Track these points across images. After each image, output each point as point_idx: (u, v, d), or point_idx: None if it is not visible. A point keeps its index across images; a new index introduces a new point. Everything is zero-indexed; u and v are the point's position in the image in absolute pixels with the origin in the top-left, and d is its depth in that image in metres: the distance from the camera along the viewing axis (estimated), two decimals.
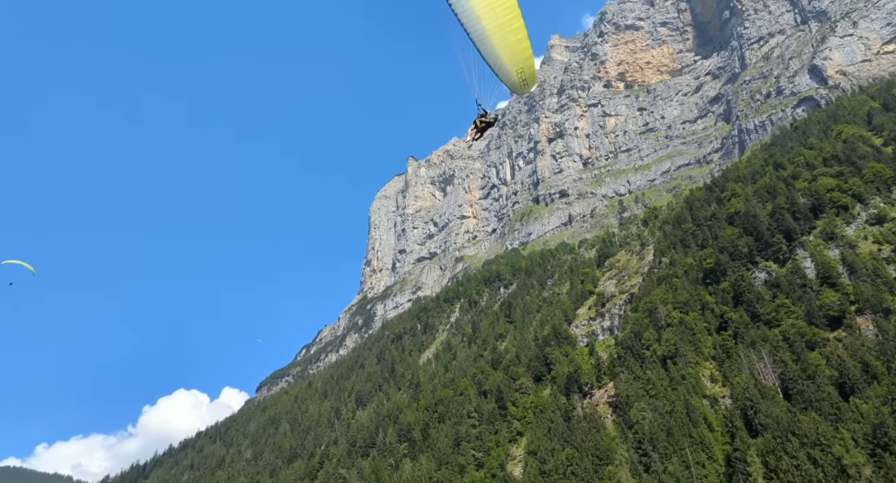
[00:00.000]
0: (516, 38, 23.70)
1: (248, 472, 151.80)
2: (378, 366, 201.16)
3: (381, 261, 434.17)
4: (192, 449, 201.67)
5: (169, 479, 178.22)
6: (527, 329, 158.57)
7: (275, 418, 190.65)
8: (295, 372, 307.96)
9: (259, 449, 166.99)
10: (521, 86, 25.97)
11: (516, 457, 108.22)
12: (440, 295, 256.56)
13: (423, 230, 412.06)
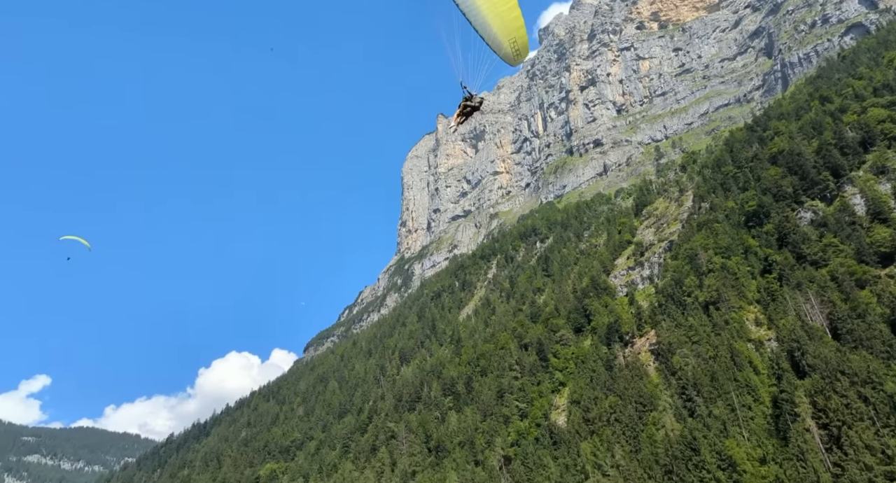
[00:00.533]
0: (507, 6, 23.52)
1: (302, 427, 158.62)
2: (419, 323, 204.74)
3: (416, 221, 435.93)
4: (248, 407, 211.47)
5: (228, 435, 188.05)
6: (565, 282, 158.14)
7: (323, 377, 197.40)
8: (339, 332, 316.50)
9: (310, 406, 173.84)
10: (515, 56, 25.80)
11: (559, 406, 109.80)
12: (476, 252, 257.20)
13: (457, 188, 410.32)
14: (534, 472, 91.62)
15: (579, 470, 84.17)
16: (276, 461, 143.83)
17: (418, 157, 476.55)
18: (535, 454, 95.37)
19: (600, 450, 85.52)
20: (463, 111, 29.21)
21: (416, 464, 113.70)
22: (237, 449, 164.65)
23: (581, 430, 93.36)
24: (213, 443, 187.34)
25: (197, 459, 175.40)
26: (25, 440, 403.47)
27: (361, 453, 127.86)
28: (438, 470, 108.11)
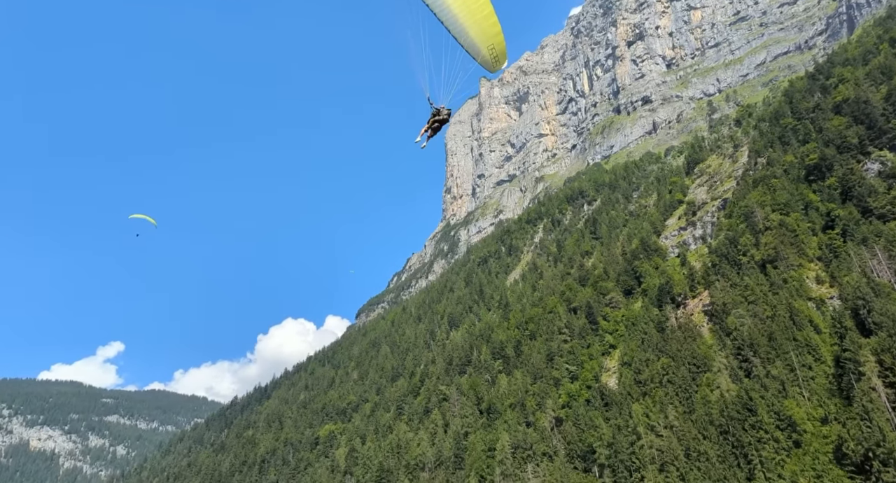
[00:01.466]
0: (483, 13, 23.68)
1: (357, 390, 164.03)
2: (467, 289, 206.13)
3: (461, 187, 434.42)
4: (305, 372, 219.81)
5: (288, 398, 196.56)
6: (614, 244, 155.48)
7: (375, 342, 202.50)
8: (389, 298, 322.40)
9: (364, 370, 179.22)
10: (493, 62, 25.86)
11: (610, 368, 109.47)
12: (522, 216, 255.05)
13: (501, 152, 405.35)
14: (585, 433, 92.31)
15: (631, 431, 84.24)
16: (333, 422, 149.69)
17: (461, 123, 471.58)
18: (587, 415, 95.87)
19: (652, 411, 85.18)
20: (431, 126, 29.03)
21: (468, 425, 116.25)
22: (297, 411, 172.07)
23: (632, 391, 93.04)
24: (274, 405, 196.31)
25: (260, 420, 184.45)
26: (105, 402, 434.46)
27: (415, 415, 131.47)
28: (490, 431, 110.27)
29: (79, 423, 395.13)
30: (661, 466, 76.71)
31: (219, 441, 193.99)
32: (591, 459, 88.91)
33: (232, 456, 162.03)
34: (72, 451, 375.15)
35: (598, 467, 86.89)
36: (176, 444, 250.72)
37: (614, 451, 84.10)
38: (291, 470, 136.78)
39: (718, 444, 73.68)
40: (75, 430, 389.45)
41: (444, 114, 28.76)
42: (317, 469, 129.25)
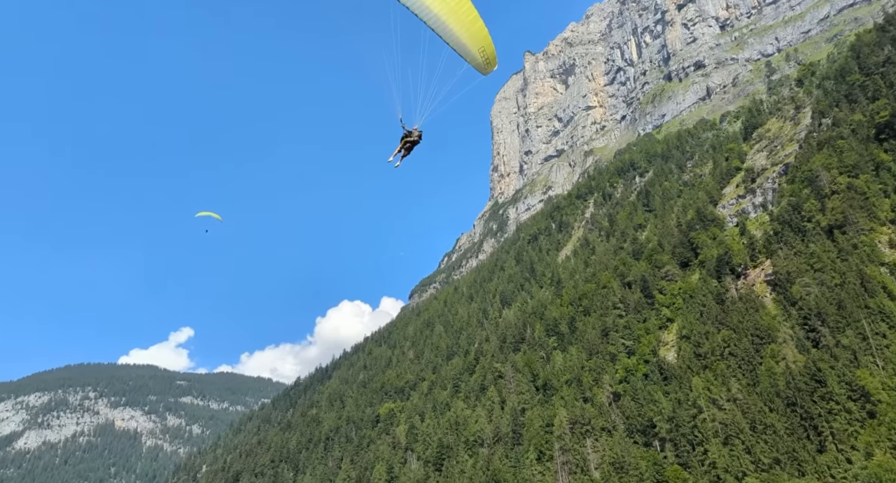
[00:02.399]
0: (470, 17, 24.95)
1: (413, 369, 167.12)
2: (517, 267, 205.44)
3: (508, 165, 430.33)
4: (363, 352, 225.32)
5: (348, 378, 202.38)
6: (668, 216, 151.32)
7: (429, 322, 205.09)
8: (440, 278, 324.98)
9: (419, 349, 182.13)
10: (485, 65, 26.96)
11: (668, 342, 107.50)
12: (572, 192, 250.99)
13: (548, 127, 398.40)
14: (645, 408, 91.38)
15: (692, 404, 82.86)
16: (392, 401, 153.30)
17: (506, 99, 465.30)
18: (645, 390, 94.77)
19: (714, 384, 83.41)
20: (403, 147, 29.49)
21: (524, 401, 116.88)
22: (357, 390, 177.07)
23: (692, 365, 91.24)
24: (335, 385, 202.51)
25: (322, 400, 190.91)
26: (179, 384, 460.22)
27: (471, 392, 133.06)
28: (547, 407, 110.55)
29: (157, 404, 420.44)
30: (726, 440, 75.30)
31: (285, 420, 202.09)
32: (652, 434, 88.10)
33: (298, 434, 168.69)
34: (152, 430, 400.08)
35: (658, 441, 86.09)
36: (245, 423, 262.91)
37: (675, 425, 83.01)
38: (355, 447, 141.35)
39: (786, 417, 71.65)
40: (154, 410, 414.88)
41: (416, 135, 29.16)
42: (379, 446, 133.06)
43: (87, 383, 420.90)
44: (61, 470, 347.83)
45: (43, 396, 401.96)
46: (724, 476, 72.71)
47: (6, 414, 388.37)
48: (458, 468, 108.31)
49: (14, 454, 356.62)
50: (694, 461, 78.64)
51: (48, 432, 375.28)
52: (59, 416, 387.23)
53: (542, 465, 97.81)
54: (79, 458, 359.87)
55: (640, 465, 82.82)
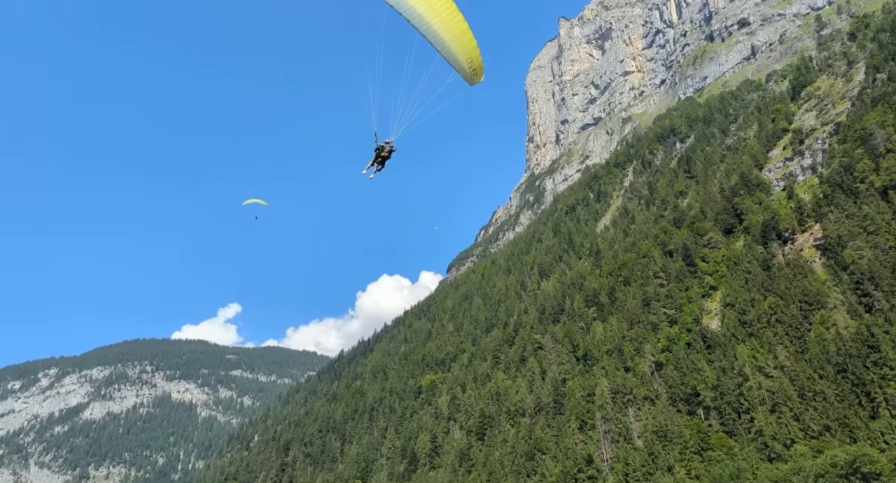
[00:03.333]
0: (461, 29, 26.29)
1: (453, 341, 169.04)
2: (555, 238, 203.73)
3: (544, 135, 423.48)
4: (403, 325, 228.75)
5: (389, 350, 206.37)
6: (710, 182, 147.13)
7: (467, 294, 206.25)
8: (477, 252, 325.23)
9: (458, 322, 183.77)
10: (472, 75, 28.15)
11: (712, 311, 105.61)
12: (610, 160, 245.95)
13: (584, 95, 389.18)
14: (688, 376, 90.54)
15: (737, 373, 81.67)
16: (433, 372, 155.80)
17: (541, 68, 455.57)
18: (688, 359, 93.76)
19: (760, 352, 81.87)
20: (375, 161, 30.87)
21: (565, 372, 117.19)
22: (399, 362, 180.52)
23: (737, 333, 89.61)
24: (378, 357, 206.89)
25: (366, 372, 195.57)
26: (229, 358, 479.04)
27: (511, 363, 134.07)
28: (588, 377, 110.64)
29: (209, 377, 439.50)
30: (773, 407, 74.19)
31: (330, 391, 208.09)
32: (695, 402, 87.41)
33: (344, 405, 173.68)
34: (206, 401, 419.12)
35: (702, 410, 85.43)
36: (293, 394, 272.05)
37: (720, 393, 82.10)
38: (398, 417, 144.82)
39: (836, 384, 70.01)
40: (207, 383, 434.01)
41: (388, 149, 30.58)
42: (422, 416, 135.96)
43: (144, 358, 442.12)
44: (125, 438, 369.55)
45: (104, 370, 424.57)
46: (772, 443, 71.86)
47: (73, 387, 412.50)
48: (500, 437, 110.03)
49: (82, 424, 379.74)
50: (740, 429, 77.86)
51: (111, 403, 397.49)
52: (119, 389, 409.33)
53: (584, 434, 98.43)
54: (140, 428, 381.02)
55: (684, 433, 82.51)
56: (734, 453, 74.85)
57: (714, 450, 77.42)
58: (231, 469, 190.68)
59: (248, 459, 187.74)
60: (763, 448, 73.24)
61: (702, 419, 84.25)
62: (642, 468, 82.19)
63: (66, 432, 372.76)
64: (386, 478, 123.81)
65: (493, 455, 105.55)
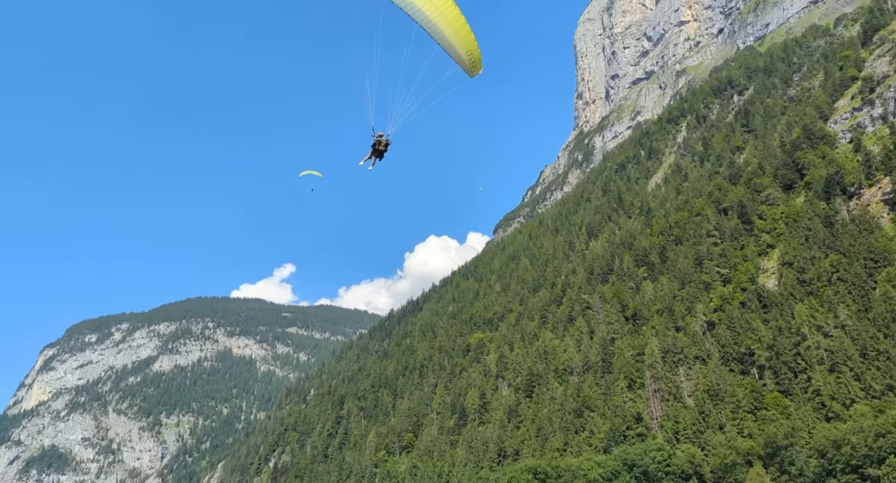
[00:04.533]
0: (459, 23, 27.49)
1: (500, 301, 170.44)
2: (604, 198, 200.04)
3: (593, 91, 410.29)
4: (451, 285, 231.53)
5: (438, 310, 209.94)
6: (770, 136, 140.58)
7: (514, 255, 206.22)
8: (524, 213, 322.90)
9: (506, 282, 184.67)
10: (472, 67, 29.20)
11: (768, 270, 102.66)
12: (662, 116, 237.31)
13: (636, 48, 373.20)
14: (742, 336, 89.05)
15: (793, 332, 79.81)
16: (481, 331, 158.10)
17: (591, 20, 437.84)
18: (742, 318, 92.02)
19: (819, 311, 79.56)
20: (373, 154, 32.05)
21: (613, 331, 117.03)
22: (447, 321, 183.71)
23: (795, 292, 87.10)
24: (426, 316, 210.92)
25: (415, 330, 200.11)
26: (284, 316, 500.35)
27: (559, 323, 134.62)
28: (637, 336, 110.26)
29: (267, 334, 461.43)
30: (832, 367, 72.53)
31: (382, 349, 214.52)
32: (749, 362, 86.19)
33: (394, 362, 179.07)
34: (265, 356, 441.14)
35: (757, 369, 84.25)
36: (346, 351, 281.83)
37: (775, 352, 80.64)
38: (447, 374, 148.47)
39: None
40: (265, 339, 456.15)
41: (383, 144, 31.96)
42: (470, 373, 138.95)
43: (206, 314, 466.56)
44: (192, 390, 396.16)
45: (171, 326, 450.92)
46: (830, 403, 70.58)
47: (143, 341, 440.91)
48: (548, 395, 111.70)
49: (152, 375, 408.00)
50: (796, 388, 76.61)
51: (178, 357, 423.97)
52: (185, 344, 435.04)
53: (633, 393, 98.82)
54: (205, 380, 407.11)
55: (737, 392, 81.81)
56: (789, 413, 73.92)
57: (768, 409, 76.64)
58: (290, 420, 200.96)
59: (306, 412, 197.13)
60: (820, 408, 72.04)
61: (755, 379, 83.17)
62: (692, 426, 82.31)
63: (138, 383, 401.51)
64: (436, 431, 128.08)
65: (541, 412, 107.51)
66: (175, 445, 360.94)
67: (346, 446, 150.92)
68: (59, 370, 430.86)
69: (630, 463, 78.96)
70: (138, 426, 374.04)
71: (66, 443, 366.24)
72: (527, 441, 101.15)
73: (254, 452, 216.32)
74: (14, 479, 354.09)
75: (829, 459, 64.02)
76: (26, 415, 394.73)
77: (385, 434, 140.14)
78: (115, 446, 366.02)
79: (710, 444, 77.54)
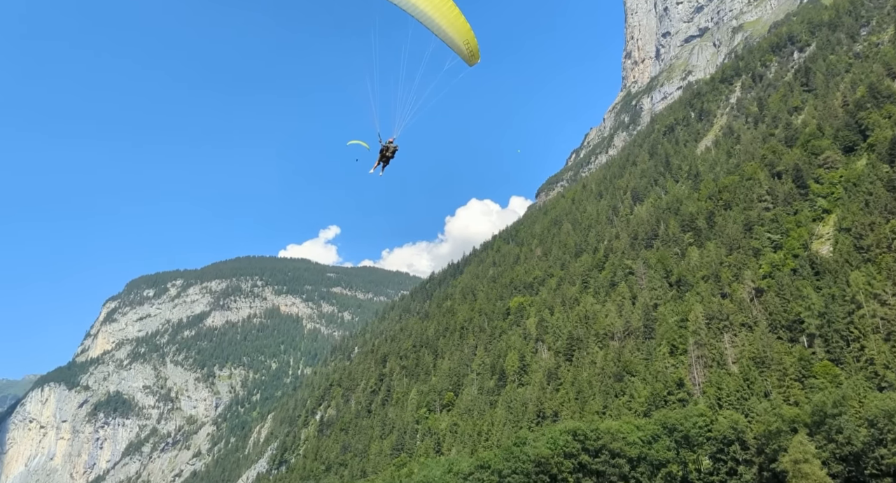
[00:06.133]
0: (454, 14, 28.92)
1: (541, 266, 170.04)
2: (651, 161, 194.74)
3: (643, 50, 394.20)
4: (491, 249, 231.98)
5: (478, 273, 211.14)
6: (831, 95, 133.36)
7: (556, 219, 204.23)
8: (568, 176, 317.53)
9: (547, 247, 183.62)
10: (470, 57, 30.68)
11: (822, 235, 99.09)
12: (715, 75, 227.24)
13: (690, 3, 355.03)
14: (791, 303, 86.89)
15: (848, 300, 77.44)
16: (522, 295, 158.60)
17: None
18: (793, 285, 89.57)
19: (877, 279, 76.80)
20: (381, 160, 33.10)
21: (656, 297, 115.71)
22: (487, 284, 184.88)
23: (851, 258, 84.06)
24: (467, 279, 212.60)
25: (456, 293, 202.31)
26: (329, 276, 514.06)
27: (601, 288, 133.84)
28: (681, 303, 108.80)
29: (313, 293, 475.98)
30: (888, 336, 70.42)
31: (423, 310, 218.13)
32: (798, 330, 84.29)
33: (435, 323, 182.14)
34: (311, 315, 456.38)
35: (806, 337, 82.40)
36: (388, 311, 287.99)
37: (827, 320, 78.56)
38: (488, 336, 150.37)
39: None
40: (311, 298, 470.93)
41: (391, 150, 32.75)
42: (510, 336, 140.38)
43: (255, 273, 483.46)
44: (242, 344, 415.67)
45: (221, 283, 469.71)
46: (884, 372, 68.76)
47: (196, 297, 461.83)
48: (588, 359, 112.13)
49: (205, 330, 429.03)
50: (848, 357, 74.79)
51: (228, 313, 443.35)
52: (235, 300, 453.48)
53: (675, 359, 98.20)
54: (255, 336, 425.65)
55: (784, 360, 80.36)
56: (839, 381, 72.40)
57: (817, 377, 75.21)
58: (335, 376, 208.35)
59: (350, 369, 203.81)
60: (873, 377, 70.30)
61: (804, 347, 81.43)
62: (736, 393, 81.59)
63: (193, 336, 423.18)
64: (476, 391, 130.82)
65: (580, 375, 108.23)
66: (228, 396, 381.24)
67: (388, 403, 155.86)
68: (120, 322, 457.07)
69: (670, 427, 79.16)
70: (193, 377, 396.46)
71: (129, 390, 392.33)
72: (566, 403, 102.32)
73: (301, 406, 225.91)
74: (84, 420, 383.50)
75: (879, 429, 62.76)
76: (93, 362, 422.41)
77: (426, 392, 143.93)
78: (174, 395, 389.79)
79: (754, 411, 76.83)
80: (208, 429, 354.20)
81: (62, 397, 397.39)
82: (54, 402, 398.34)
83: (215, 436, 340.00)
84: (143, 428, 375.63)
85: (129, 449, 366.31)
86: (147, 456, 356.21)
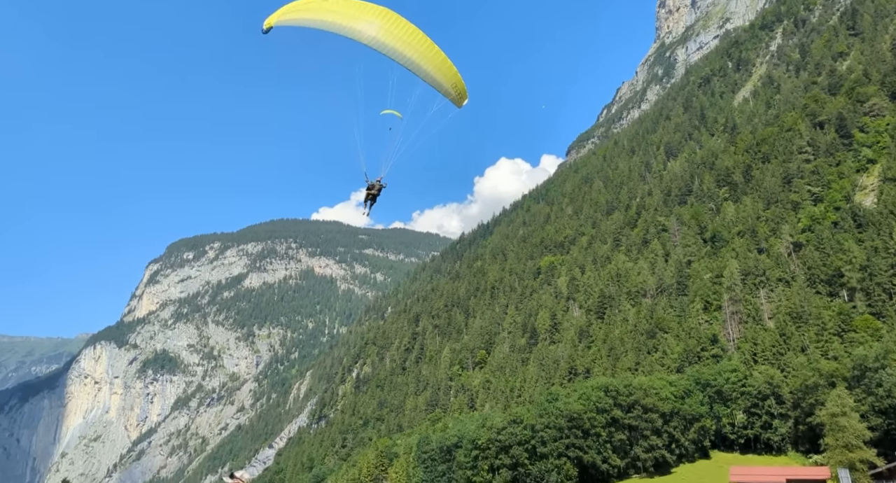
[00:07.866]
0: (440, 58, 29.51)
1: (572, 225, 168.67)
2: (685, 115, 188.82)
3: None
4: (521, 209, 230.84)
5: (508, 233, 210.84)
6: (880, 39, 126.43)
7: (587, 177, 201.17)
8: (599, 133, 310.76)
9: (577, 205, 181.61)
10: (458, 98, 30.91)
11: (867, 187, 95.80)
12: (755, 22, 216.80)
13: None
14: (831, 257, 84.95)
15: (892, 252, 75.29)
16: (552, 254, 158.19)
17: None
18: (833, 239, 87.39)
19: None
20: (367, 197, 33.35)
21: (690, 254, 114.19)
22: (517, 244, 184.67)
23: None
24: (497, 240, 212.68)
25: (486, 253, 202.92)
26: (361, 238, 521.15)
27: (633, 246, 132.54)
28: (715, 259, 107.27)
29: (345, 255, 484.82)
30: None
31: (454, 270, 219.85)
32: (838, 284, 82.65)
33: (466, 283, 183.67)
34: (344, 276, 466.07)
35: (846, 291, 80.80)
36: (419, 272, 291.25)
37: (869, 274, 76.81)
38: (518, 295, 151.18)
39: None
40: (344, 260, 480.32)
41: (377, 188, 33.21)
42: (541, 295, 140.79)
43: (289, 235, 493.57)
44: (279, 305, 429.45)
45: (257, 245, 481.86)
46: None
47: (233, 259, 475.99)
48: (619, 316, 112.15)
49: (244, 291, 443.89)
50: (890, 311, 73.37)
51: (265, 275, 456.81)
52: (271, 262, 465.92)
53: (709, 315, 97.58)
54: (291, 297, 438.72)
55: (823, 314, 79.15)
56: (880, 335, 71.18)
57: (857, 331, 74.06)
58: (370, 335, 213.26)
59: (384, 328, 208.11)
60: None
61: (844, 301, 79.96)
62: (772, 348, 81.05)
63: (232, 297, 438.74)
64: (508, 349, 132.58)
65: (612, 332, 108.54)
66: (268, 354, 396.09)
67: (422, 360, 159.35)
68: (163, 283, 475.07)
69: (704, 382, 79.39)
70: (234, 336, 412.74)
71: (174, 348, 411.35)
72: (598, 360, 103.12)
73: (338, 363, 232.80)
74: (134, 376, 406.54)
75: None
76: (139, 322, 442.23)
77: (458, 350, 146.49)
78: (216, 353, 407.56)
79: (791, 365, 76.38)
80: (250, 385, 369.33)
81: (113, 355, 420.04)
82: (106, 359, 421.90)
83: (257, 392, 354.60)
84: (189, 384, 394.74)
85: (177, 403, 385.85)
86: (194, 410, 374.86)
